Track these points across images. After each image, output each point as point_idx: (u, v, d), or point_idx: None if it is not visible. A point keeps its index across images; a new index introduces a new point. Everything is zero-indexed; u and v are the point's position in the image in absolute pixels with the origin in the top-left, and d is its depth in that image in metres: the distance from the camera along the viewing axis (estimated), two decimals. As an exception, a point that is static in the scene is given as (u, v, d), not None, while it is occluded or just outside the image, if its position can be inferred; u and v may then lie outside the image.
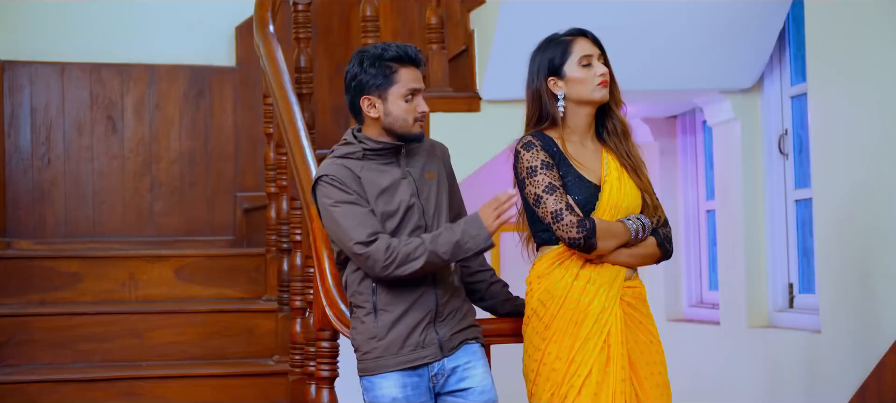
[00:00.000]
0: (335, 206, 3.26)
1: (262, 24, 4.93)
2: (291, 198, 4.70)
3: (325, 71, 6.15)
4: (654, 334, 3.39)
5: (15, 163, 5.69)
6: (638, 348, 3.34)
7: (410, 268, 3.19)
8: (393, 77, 3.29)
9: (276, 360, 4.80)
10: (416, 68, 3.33)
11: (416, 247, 3.20)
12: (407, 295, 3.28)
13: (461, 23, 5.48)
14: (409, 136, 3.32)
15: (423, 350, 3.28)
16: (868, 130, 4.37)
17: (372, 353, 3.29)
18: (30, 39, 5.83)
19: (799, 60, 5.17)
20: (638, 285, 3.40)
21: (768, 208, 5.36)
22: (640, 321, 3.36)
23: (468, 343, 3.37)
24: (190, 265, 5.28)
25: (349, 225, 3.23)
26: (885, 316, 4.25)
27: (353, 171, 3.30)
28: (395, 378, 3.27)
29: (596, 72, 3.34)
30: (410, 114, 3.30)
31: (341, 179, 3.27)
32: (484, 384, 3.36)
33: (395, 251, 3.19)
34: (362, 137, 3.34)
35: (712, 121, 5.61)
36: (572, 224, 3.27)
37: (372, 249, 3.20)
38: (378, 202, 3.28)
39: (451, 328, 3.33)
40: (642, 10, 4.85)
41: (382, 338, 3.28)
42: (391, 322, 3.27)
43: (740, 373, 5.41)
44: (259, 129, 5.81)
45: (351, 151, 3.33)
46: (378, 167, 3.33)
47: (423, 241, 3.20)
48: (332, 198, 3.27)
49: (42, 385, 4.54)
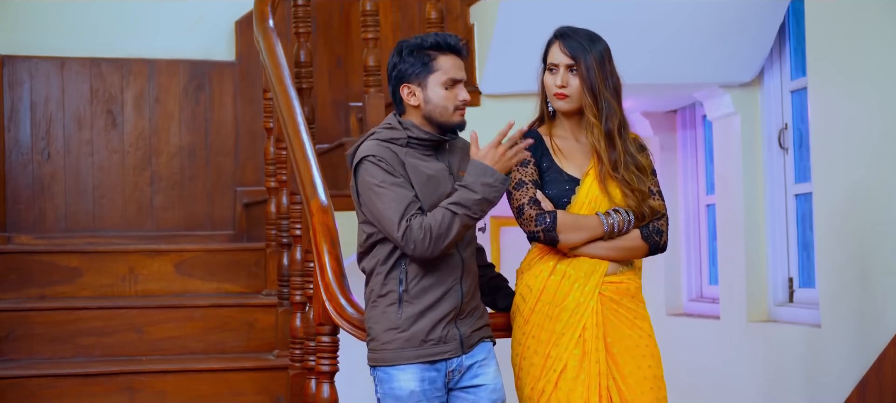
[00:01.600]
0: (380, 186, 3.20)
1: (262, 18, 4.93)
2: (291, 192, 4.69)
3: (325, 65, 6.15)
4: (642, 328, 3.36)
5: (15, 157, 5.69)
6: (622, 343, 3.32)
7: (449, 238, 3.14)
8: (432, 64, 3.27)
9: (276, 355, 4.80)
10: (458, 57, 3.30)
11: (447, 218, 3.14)
12: (435, 290, 3.25)
13: (461, 17, 5.48)
14: (449, 125, 3.29)
15: (444, 346, 3.27)
16: (868, 125, 4.37)
17: (392, 344, 3.26)
18: (30, 34, 5.82)
19: (799, 55, 5.17)
20: (624, 279, 3.36)
21: (768, 202, 5.36)
22: (625, 315, 3.34)
23: (484, 342, 3.38)
24: (190, 260, 5.27)
25: (396, 207, 3.17)
26: (884, 310, 4.25)
27: (397, 155, 3.25)
28: (415, 370, 3.25)
29: (555, 81, 3.35)
30: (450, 101, 3.27)
31: (387, 160, 3.22)
32: (496, 382, 3.36)
33: (427, 227, 3.15)
34: (407, 123, 3.30)
35: (712, 115, 5.61)
36: (531, 218, 3.28)
37: (410, 231, 3.15)
38: (423, 190, 3.24)
39: (470, 325, 3.33)
40: (642, 4, 4.85)
41: (405, 330, 3.25)
42: (416, 314, 3.25)
43: (740, 368, 5.41)
44: (259, 124, 5.81)
45: (395, 136, 3.28)
46: (421, 156, 3.28)
47: (446, 213, 3.14)
48: (376, 179, 3.21)
49: (42, 380, 4.54)
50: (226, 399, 4.65)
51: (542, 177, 3.36)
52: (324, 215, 3.81)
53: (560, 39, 3.36)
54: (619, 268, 3.37)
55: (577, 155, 3.39)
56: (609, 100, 3.33)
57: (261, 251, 5.25)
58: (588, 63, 3.32)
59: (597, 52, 3.34)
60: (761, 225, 5.38)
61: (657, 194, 3.41)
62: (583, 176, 3.36)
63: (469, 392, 3.33)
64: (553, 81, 3.35)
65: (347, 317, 3.56)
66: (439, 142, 3.31)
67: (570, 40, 3.34)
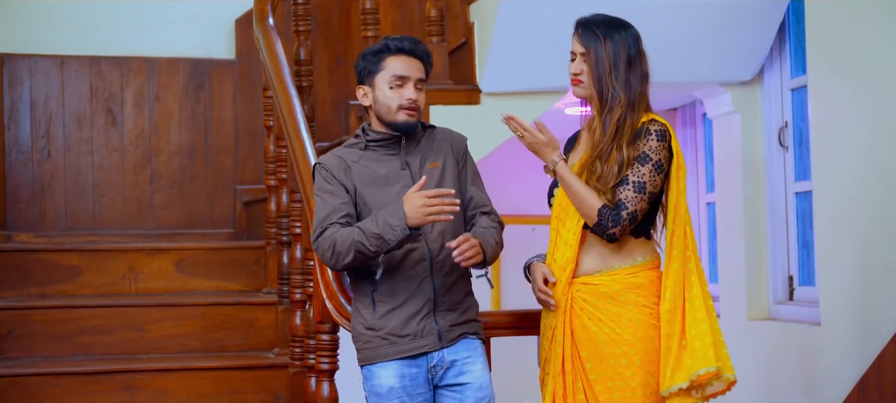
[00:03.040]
0: (317, 194, 3.33)
1: (262, 16, 4.93)
2: (291, 190, 4.69)
3: (324, 64, 6.15)
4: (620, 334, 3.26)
5: (15, 155, 5.69)
6: (589, 346, 3.27)
7: (347, 259, 3.20)
8: (380, 64, 3.34)
9: (275, 353, 4.81)
10: (410, 57, 3.34)
11: (349, 239, 3.19)
12: (405, 286, 3.28)
13: (461, 15, 5.48)
14: (394, 124, 3.33)
15: (421, 340, 3.28)
16: (868, 123, 4.37)
17: (371, 343, 3.30)
18: (30, 32, 5.82)
19: (799, 53, 5.17)
20: (603, 281, 3.30)
21: (768, 201, 5.36)
22: (602, 318, 3.27)
23: (469, 338, 3.36)
24: (190, 258, 5.28)
25: (320, 214, 3.28)
26: (885, 308, 4.25)
27: (345, 161, 3.34)
28: (394, 367, 3.28)
29: (571, 71, 3.37)
30: (394, 101, 3.31)
31: (328, 169, 3.33)
32: (482, 380, 3.35)
33: (333, 240, 3.22)
34: (368, 128, 3.39)
35: (712, 113, 5.61)
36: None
37: (321, 239, 3.24)
38: (369, 191, 3.30)
39: (450, 319, 3.32)
40: (642, 3, 4.85)
41: (381, 328, 3.29)
42: (388, 312, 3.29)
43: (740, 366, 5.39)
44: (259, 122, 5.81)
45: (355, 142, 3.39)
46: (378, 158, 3.35)
47: (353, 232, 3.20)
48: (316, 185, 3.35)
49: (42, 378, 4.54)
50: (226, 398, 4.65)
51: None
52: (324, 213, 3.80)
53: (579, 28, 3.38)
54: (600, 267, 3.32)
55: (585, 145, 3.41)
56: (617, 91, 3.33)
57: (261, 249, 5.25)
58: (598, 53, 3.33)
59: (614, 41, 3.34)
60: (761, 224, 5.38)
61: (631, 185, 3.26)
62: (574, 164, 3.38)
63: (454, 391, 3.33)
64: (570, 68, 3.37)
65: (347, 315, 3.56)
66: (395, 139, 3.35)
67: (586, 30, 3.36)
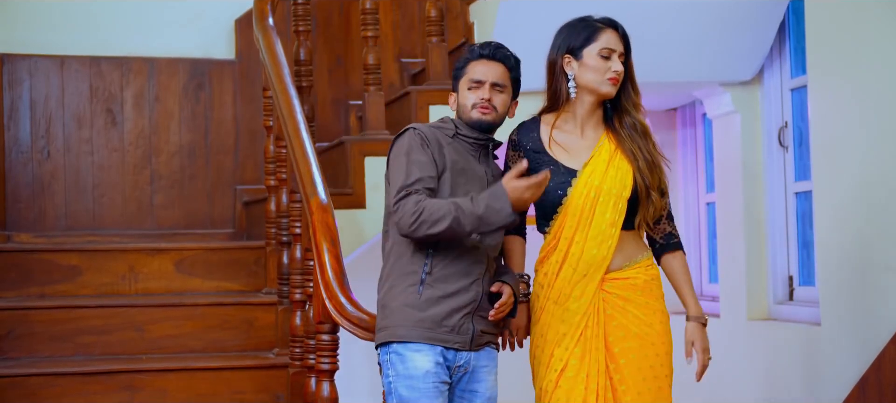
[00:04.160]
0: (406, 155, 3.28)
1: (262, 16, 4.93)
2: (291, 190, 4.69)
3: (324, 64, 6.15)
4: (651, 324, 3.36)
5: (14, 155, 5.69)
6: (624, 342, 3.32)
7: (434, 229, 3.17)
8: (463, 69, 3.40)
9: (275, 353, 4.80)
10: (490, 61, 3.37)
11: (444, 210, 3.17)
12: (458, 279, 3.27)
13: (461, 15, 5.48)
14: (470, 121, 3.36)
15: (457, 336, 3.27)
16: (868, 123, 4.37)
17: (408, 320, 3.26)
18: (30, 32, 5.82)
19: (799, 53, 5.17)
20: (632, 274, 3.37)
21: (768, 201, 5.36)
22: (633, 312, 3.34)
23: (491, 347, 3.39)
24: (190, 258, 5.27)
25: (407, 174, 3.24)
26: (884, 308, 4.25)
27: (439, 139, 3.34)
28: (430, 351, 3.25)
29: (611, 66, 3.35)
30: (469, 100, 3.36)
31: (427, 139, 3.31)
32: (492, 391, 3.38)
33: (422, 207, 3.18)
34: (457, 121, 3.41)
35: (712, 113, 5.61)
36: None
37: (406, 201, 3.20)
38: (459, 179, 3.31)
39: (483, 325, 3.34)
40: (642, 3, 4.85)
41: (422, 310, 3.26)
42: (436, 298, 3.26)
43: (740, 366, 5.41)
44: (259, 122, 5.81)
45: (444, 127, 3.40)
46: (465, 152, 3.37)
47: (452, 207, 3.18)
48: (405, 147, 3.30)
49: (42, 379, 4.54)
50: (226, 398, 4.64)
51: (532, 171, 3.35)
52: (324, 213, 3.81)
53: (614, 28, 3.40)
54: (626, 262, 3.36)
55: (578, 145, 3.41)
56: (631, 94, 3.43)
57: (261, 249, 5.25)
58: (629, 53, 3.42)
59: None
60: (761, 224, 5.38)
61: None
62: (582, 166, 3.37)
63: (465, 396, 3.34)
64: (608, 66, 3.36)
65: (347, 316, 3.56)
66: (482, 143, 3.38)
67: (622, 30, 3.41)
